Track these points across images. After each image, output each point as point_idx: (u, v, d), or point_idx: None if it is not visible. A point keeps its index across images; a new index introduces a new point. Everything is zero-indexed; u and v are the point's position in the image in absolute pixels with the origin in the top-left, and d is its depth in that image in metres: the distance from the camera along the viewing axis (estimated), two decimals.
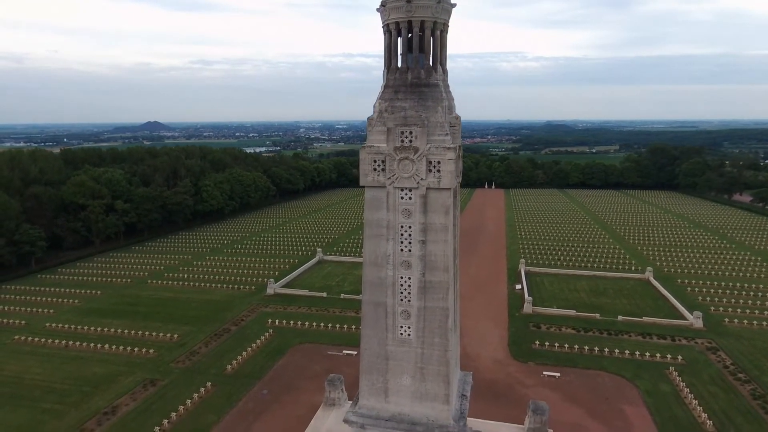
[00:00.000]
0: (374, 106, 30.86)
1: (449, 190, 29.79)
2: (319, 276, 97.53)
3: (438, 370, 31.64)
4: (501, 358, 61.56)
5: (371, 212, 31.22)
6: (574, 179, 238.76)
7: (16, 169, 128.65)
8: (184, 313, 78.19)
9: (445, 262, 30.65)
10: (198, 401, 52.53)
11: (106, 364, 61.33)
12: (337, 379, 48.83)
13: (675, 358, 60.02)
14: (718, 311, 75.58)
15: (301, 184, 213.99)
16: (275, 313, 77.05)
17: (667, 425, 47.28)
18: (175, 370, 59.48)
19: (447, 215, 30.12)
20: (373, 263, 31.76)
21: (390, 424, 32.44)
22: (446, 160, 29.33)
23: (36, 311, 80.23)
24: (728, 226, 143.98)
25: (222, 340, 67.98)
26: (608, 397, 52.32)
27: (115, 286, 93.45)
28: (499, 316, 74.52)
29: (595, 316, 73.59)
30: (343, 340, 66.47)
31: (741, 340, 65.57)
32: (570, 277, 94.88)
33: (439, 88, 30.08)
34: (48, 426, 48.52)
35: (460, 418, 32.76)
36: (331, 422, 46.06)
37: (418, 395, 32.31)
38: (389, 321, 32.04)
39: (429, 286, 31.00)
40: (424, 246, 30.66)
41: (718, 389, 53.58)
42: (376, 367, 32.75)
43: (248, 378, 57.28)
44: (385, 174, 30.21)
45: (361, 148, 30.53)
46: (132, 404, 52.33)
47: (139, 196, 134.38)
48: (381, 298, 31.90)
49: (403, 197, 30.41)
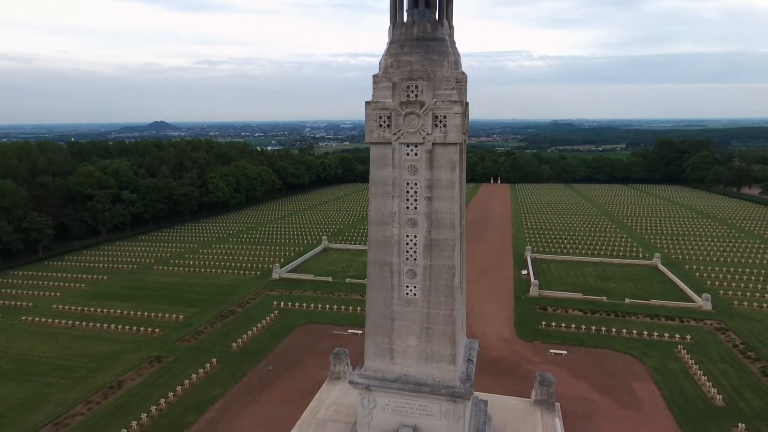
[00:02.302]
0: (379, 63, 30.65)
1: (455, 145, 29.53)
2: (324, 262, 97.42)
3: (444, 330, 31.38)
4: (507, 336, 61.14)
5: (377, 170, 31.02)
6: (581, 174, 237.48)
7: (24, 159, 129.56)
8: (189, 296, 78.32)
9: (451, 219, 30.39)
10: (203, 376, 52.52)
11: (112, 342, 61.48)
12: (343, 353, 48.75)
13: (683, 338, 59.37)
14: (727, 295, 74.73)
15: (306, 179, 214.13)
16: (280, 296, 77.00)
17: (676, 399, 46.72)
18: (181, 348, 59.53)
19: (453, 171, 29.85)
20: (378, 222, 31.56)
21: (396, 385, 32.21)
22: (452, 114, 29.07)
23: (43, 294, 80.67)
24: (737, 216, 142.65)
25: (227, 321, 67.98)
26: (615, 374, 51.80)
27: (122, 272, 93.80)
28: (504, 299, 74.07)
29: (602, 299, 72.98)
30: (349, 321, 66.27)
31: (751, 322, 64.76)
32: (576, 263, 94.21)
33: (446, 43, 29.85)
34: (54, 398, 48.66)
35: (467, 379, 32.48)
36: (337, 394, 45.92)
37: (424, 356, 32.06)
38: (395, 281, 31.81)
39: (435, 244, 30.75)
40: (430, 203, 30.42)
41: (727, 366, 52.92)
42: (382, 328, 32.53)
43: (253, 355, 57.21)
44: (391, 130, 29.99)
45: (365, 103, 30.32)
46: (138, 379, 52.40)
47: (145, 186, 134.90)
48: (386, 257, 31.67)
49: (409, 153, 30.18)
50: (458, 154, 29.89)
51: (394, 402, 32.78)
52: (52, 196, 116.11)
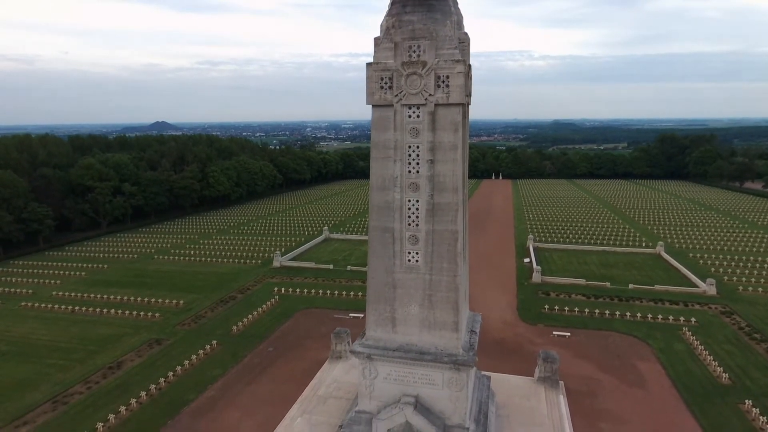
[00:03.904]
0: (381, 25, 30.10)
1: (458, 106, 28.99)
2: (325, 251, 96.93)
3: (447, 297, 30.82)
4: (510, 320, 60.58)
5: (378, 133, 30.49)
6: (582, 169, 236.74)
7: (25, 152, 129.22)
8: (190, 283, 77.86)
9: (454, 182, 29.85)
10: (203, 357, 52.06)
11: (112, 326, 61.04)
12: (344, 332, 48.15)
13: (688, 321, 58.72)
14: (732, 281, 74.06)
15: (307, 174, 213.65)
16: (281, 283, 76.50)
17: (682, 378, 46.12)
18: (181, 332, 59.07)
19: (456, 133, 29.31)
20: (380, 187, 31.02)
21: (398, 353, 31.65)
22: (455, 74, 28.54)
23: (43, 282, 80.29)
24: (740, 208, 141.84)
25: (228, 306, 67.51)
26: (620, 354, 51.22)
27: (122, 261, 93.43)
28: (507, 285, 73.49)
29: (605, 285, 72.37)
30: (350, 306, 65.77)
31: (756, 306, 64.08)
32: (579, 252, 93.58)
33: (448, 2, 29.29)
34: (53, 378, 48.23)
35: (470, 348, 31.90)
36: (338, 373, 45.34)
37: (427, 324, 31.51)
38: (396, 247, 31.26)
39: (438, 209, 30.20)
40: (432, 166, 29.88)
41: (733, 347, 52.29)
42: (383, 296, 31.98)
43: (254, 338, 56.74)
44: (392, 91, 29.46)
45: (366, 65, 29.82)
46: (137, 360, 51.96)
47: (146, 179, 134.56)
48: (388, 223, 31.14)
49: (411, 115, 29.64)
50: (461, 116, 29.36)
51: (396, 371, 32.20)
52: (52, 188, 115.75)
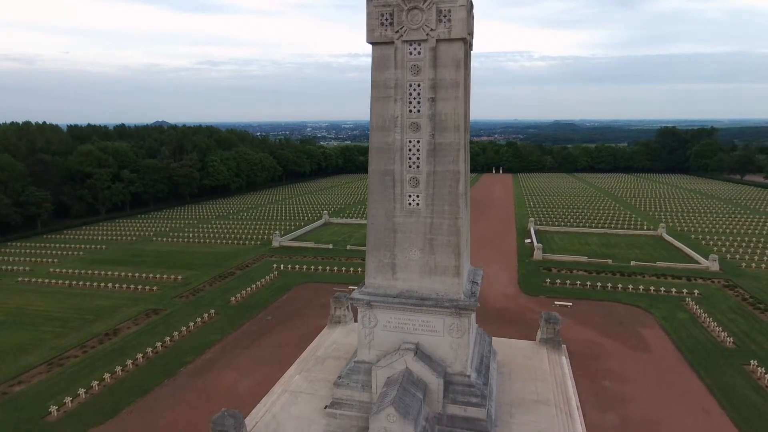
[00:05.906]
0: None
1: (460, 41, 28.48)
2: (325, 234, 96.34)
3: (448, 241, 30.25)
4: (511, 293, 59.99)
5: (378, 72, 29.95)
6: (583, 163, 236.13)
7: (24, 139, 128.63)
8: (188, 262, 77.25)
9: (455, 120, 29.30)
10: (201, 325, 51.46)
11: (109, 298, 60.47)
12: (343, 297, 47.57)
13: (691, 293, 58.12)
14: (735, 259, 73.51)
15: (307, 167, 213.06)
16: (281, 261, 75.94)
17: (686, 343, 45.52)
18: (179, 303, 58.48)
19: (458, 70, 28.79)
20: (380, 128, 30.47)
21: (398, 300, 31.08)
22: (457, 8, 28.02)
23: (41, 261, 79.75)
24: (741, 197, 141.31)
25: (226, 280, 66.94)
26: (623, 322, 50.62)
27: (120, 242, 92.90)
28: (508, 262, 72.92)
29: (607, 262, 71.80)
30: (350, 280, 65.10)
31: (760, 280, 63.49)
32: (580, 234, 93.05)
33: None
34: (48, 344, 47.63)
35: (471, 295, 31.33)
36: (337, 336, 44.76)
37: (427, 269, 30.92)
38: (397, 190, 30.70)
39: (439, 149, 29.65)
40: (433, 104, 29.35)
41: (737, 316, 51.70)
42: (384, 241, 31.39)
43: (253, 308, 56.13)
44: (393, 27, 28.96)
45: (366, 1, 29.31)
46: (134, 328, 51.36)
47: (145, 166, 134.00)
48: (388, 165, 30.58)
49: (412, 52, 29.12)
50: (463, 53, 28.83)
51: (396, 319, 31.59)
52: (51, 174, 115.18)
